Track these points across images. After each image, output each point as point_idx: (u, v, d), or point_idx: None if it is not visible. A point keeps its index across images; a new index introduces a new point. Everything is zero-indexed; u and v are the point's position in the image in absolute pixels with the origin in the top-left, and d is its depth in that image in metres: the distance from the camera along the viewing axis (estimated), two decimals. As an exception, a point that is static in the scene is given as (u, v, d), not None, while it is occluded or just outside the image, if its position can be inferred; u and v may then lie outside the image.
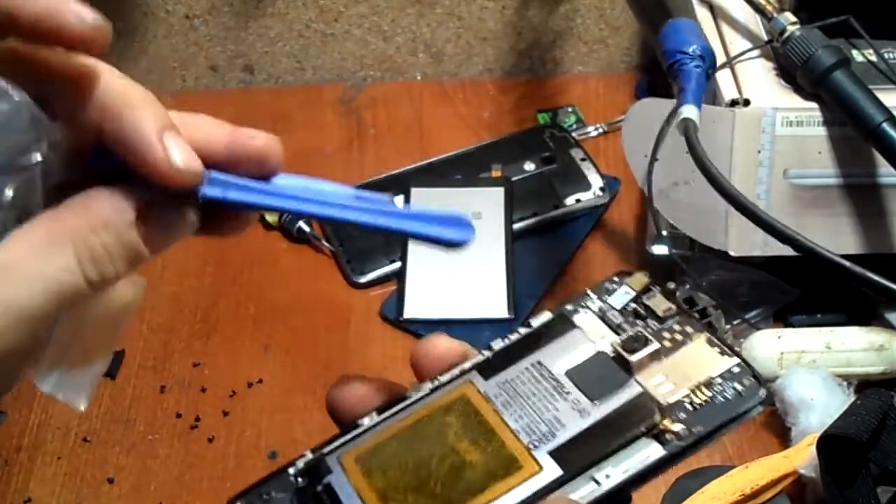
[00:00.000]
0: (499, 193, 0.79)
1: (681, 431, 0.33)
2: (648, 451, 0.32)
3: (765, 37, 0.67)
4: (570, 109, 0.91)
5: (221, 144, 0.32)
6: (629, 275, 0.38)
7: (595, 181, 0.81)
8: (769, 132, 0.64)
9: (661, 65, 0.62)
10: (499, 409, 0.34)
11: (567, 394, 0.34)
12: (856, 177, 0.65)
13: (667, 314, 0.36)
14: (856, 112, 0.60)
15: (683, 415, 0.33)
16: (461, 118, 0.91)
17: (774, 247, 0.58)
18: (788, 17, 0.64)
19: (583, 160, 0.83)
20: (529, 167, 0.83)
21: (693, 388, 0.34)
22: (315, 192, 0.33)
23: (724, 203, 0.58)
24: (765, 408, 0.33)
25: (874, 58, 0.66)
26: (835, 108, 0.62)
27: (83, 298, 0.30)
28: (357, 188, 0.33)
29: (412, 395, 0.36)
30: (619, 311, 0.37)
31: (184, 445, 0.67)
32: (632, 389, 0.34)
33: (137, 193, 0.31)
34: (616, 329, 0.36)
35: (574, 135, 0.87)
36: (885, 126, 0.59)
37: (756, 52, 0.67)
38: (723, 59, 0.67)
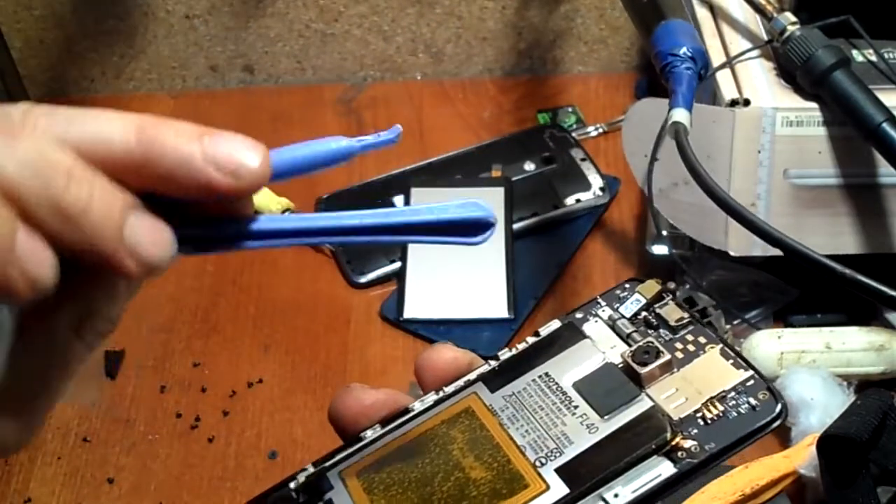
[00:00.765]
0: (499, 193, 0.79)
1: (692, 448, 0.32)
2: (659, 470, 0.31)
3: (765, 37, 0.67)
4: (570, 109, 0.91)
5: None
6: (641, 282, 0.37)
7: (595, 181, 0.81)
8: (769, 132, 0.64)
9: (655, 67, 0.62)
10: (504, 424, 0.33)
11: (575, 408, 0.33)
12: (856, 177, 0.65)
13: (679, 323, 0.35)
14: (856, 112, 0.60)
15: (695, 430, 0.32)
16: (461, 118, 0.91)
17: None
18: (788, 17, 0.64)
19: (583, 160, 0.83)
20: (529, 167, 0.83)
21: (706, 402, 0.33)
22: (310, 219, 0.31)
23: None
24: (781, 423, 0.32)
25: (874, 58, 0.66)
26: (835, 108, 0.62)
27: None
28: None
29: (416, 408, 0.35)
30: (630, 320, 0.36)
31: (184, 445, 0.67)
32: (642, 404, 0.33)
33: None
34: (626, 339, 0.35)
35: (574, 135, 0.87)
36: (885, 126, 0.59)
37: (756, 52, 0.67)
38: (723, 59, 0.67)
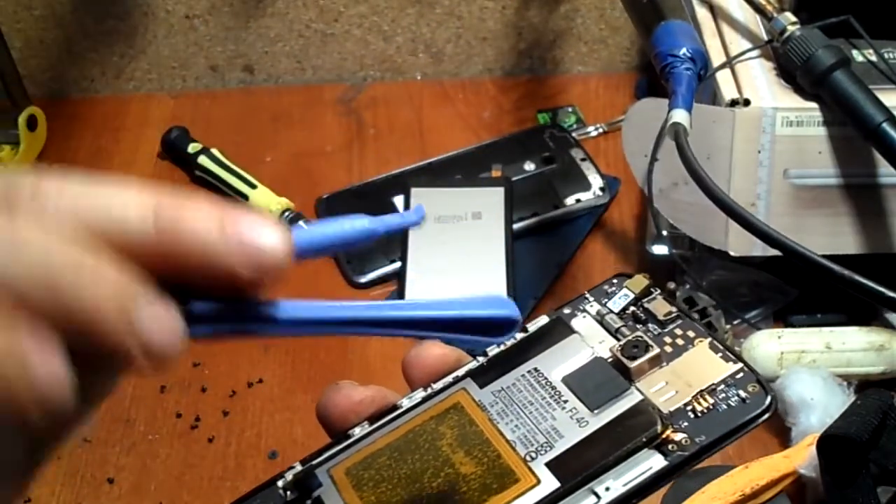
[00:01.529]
0: (499, 193, 0.79)
1: (683, 441, 0.31)
2: (650, 462, 0.31)
3: (765, 37, 0.67)
4: (570, 109, 0.91)
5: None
6: (629, 277, 0.37)
7: (595, 181, 0.81)
8: (769, 132, 0.64)
9: (655, 67, 0.62)
10: (494, 419, 0.33)
11: (564, 402, 0.33)
12: (856, 177, 0.65)
13: (668, 318, 0.35)
14: (856, 112, 0.60)
15: (686, 423, 0.32)
16: (461, 118, 0.91)
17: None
18: (788, 17, 0.64)
19: (583, 160, 0.83)
20: (529, 167, 0.83)
21: (695, 395, 0.32)
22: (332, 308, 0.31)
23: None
24: (771, 415, 0.32)
25: (874, 58, 0.66)
26: (835, 108, 0.62)
27: None
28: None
29: (405, 404, 0.35)
30: (619, 315, 0.36)
31: (184, 445, 0.67)
32: (632, 397, 0.33)
33: None
34: (615, 334, 0.35)
35: (574, 135, 0.87)
36: (885, 126, 0.59)
37: (756, 52, 0.67)
38: (723, 59, 0.67)
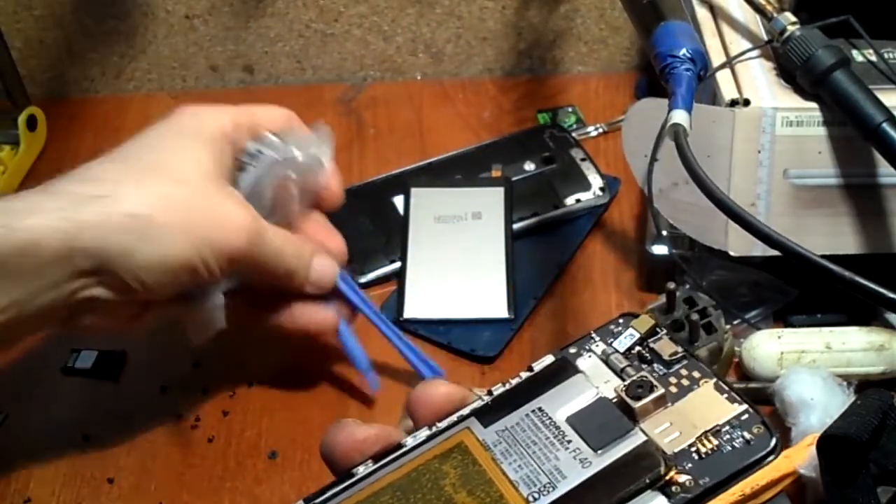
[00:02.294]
0: (499, 193, 0.79)
1: (687, 482, 0.31)
2: None
3: (765, 37, 0.67)
4: (570, 109, 0.91)
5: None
6: (635, 317, 0.37)
7: (595, 181, 0.81)
8: (769, 132, 0.64)
9: (655, 68, 0.62)
10: (497, 459, 0.33)
11: (568, 442, 0.33)
12: (856, 177, 0.65)
13: (673, 358, 0.35)
14: (856, 112, 0.60)
15: (689, 464, 0.32)
16: (461, 118, 0.91)
17: (774, 247, 0.58)
18: (788, 17, 0.64)
19: (583, 160, 0.83)
20: (529, 167, 0.83)
21: (700, 437, 0.32)
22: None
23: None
24: (776, 457, 0.32)
25: (874, 58, 0.66)
26: (835, 108, 0.62)
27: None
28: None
29: (409, 443, 0.35)
30: (624, 355, 0.36)
31: (184, 445, 0.67)
32: (635, 438, 0.33)
33: None
34: (620, 373, 0.35)
35: (574, 135, 0.87)
36: (885, 126, 0.59)
37: (756, 52, 0.67)
38: (723, 60, 0.67)
